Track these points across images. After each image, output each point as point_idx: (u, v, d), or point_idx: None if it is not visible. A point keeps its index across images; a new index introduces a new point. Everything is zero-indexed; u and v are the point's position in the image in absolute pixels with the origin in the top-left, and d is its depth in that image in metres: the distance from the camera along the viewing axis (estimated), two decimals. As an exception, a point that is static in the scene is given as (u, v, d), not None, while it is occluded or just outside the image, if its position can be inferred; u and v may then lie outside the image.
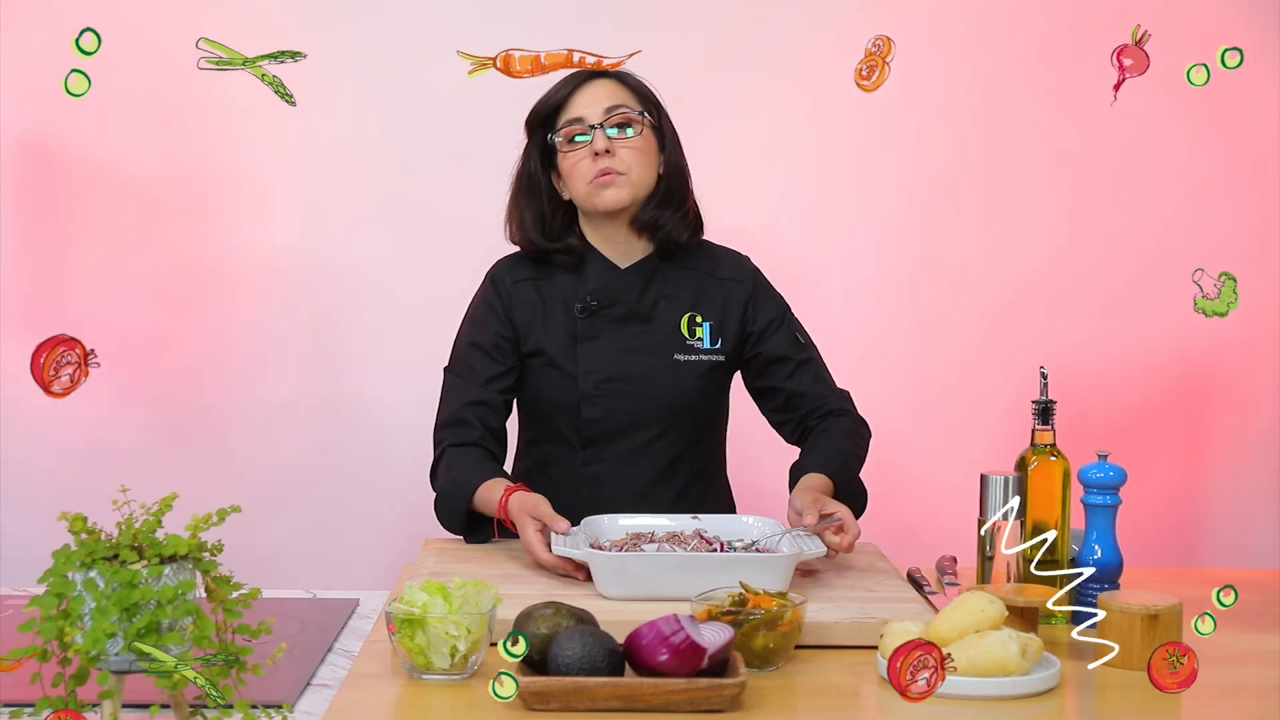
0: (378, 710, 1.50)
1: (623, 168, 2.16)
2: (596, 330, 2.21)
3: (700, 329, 2.23)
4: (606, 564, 1.82)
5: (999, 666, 1.51)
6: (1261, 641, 1.77)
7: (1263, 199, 3.01)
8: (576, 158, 2.17)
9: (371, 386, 3.04)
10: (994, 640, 1.53)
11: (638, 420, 2.20)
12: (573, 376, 2.20)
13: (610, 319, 2.22)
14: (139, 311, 3.00)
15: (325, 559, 3.01)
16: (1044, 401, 1.88)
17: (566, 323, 2.21)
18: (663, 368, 2.21)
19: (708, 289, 2.26)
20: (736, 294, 2.26)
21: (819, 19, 2.99)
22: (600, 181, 2.16)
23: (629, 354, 2.21)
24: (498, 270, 2.28)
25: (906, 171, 3.06)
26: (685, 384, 2.21)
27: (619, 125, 2.16)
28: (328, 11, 2.99)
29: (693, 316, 2.23)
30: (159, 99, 2.95)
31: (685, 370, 2.22)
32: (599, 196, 2.17)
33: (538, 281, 2.24)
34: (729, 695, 1.47)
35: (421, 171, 3.02)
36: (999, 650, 1.52)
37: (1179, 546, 3.06)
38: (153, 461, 2.97)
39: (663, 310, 2.23)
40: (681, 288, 2.25)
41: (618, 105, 2.17)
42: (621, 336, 2.21)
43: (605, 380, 2.20)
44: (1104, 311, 3.06)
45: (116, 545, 1.33)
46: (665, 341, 2.22)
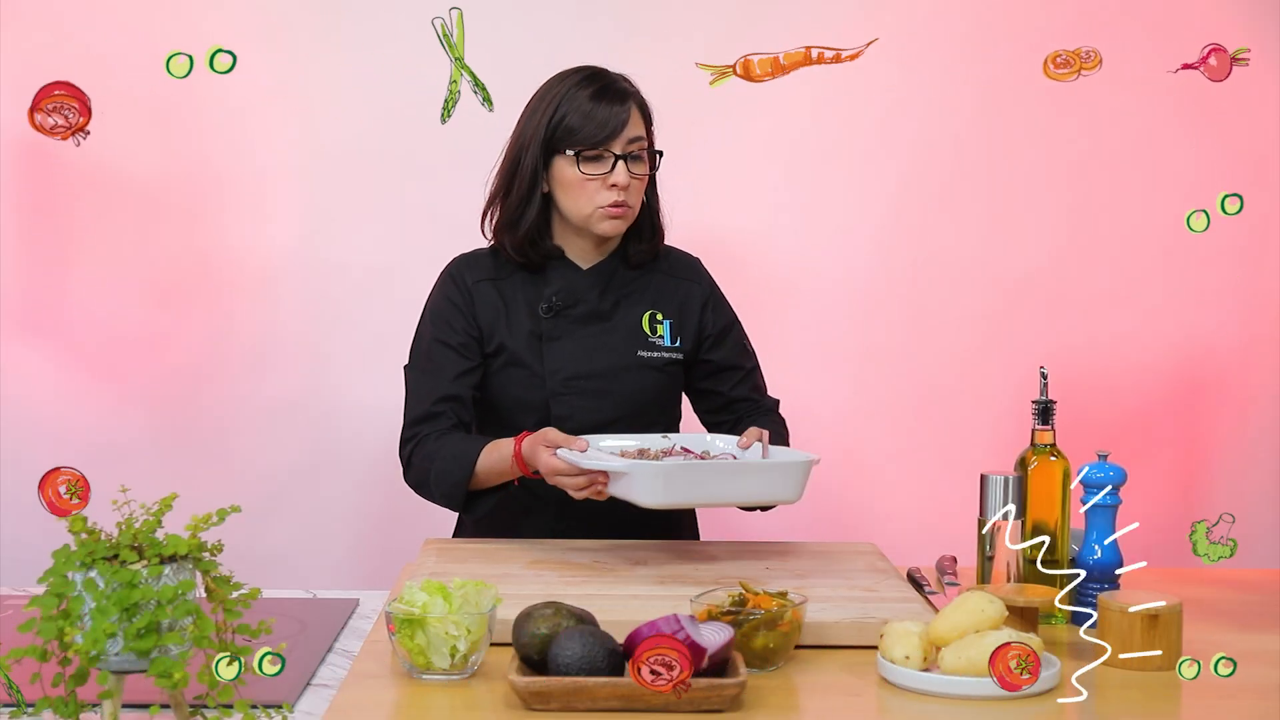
0: (378, 710, 1.50)
1: (633, 202, 2.19)
2: (560, 330, 2.23)
3: (661, 326, 2.27)
4: (649, 472, 1.88)
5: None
6: (1261, 641, 1.77)
7: (1263, 199, 3.01)
8: (590, 179, 2.16)
9: (371, 386, 3.04)
10: (994, 640, 1.53)
11: (604, 417, 2.21)
12: (539, 375, 2.21)
13: (573, 319, 2.23)
14: (139, 311, 3.00)
15: (325, 559, 3.01)
16: (1044, 401, 1.88)
17: (530, 322, 2.23)
18: (627, 365, 2.24)
19: (665, 288, 2.29)
20: (694, 295, 2.31)
21: (819, 18, 2.99)
22: (610, 213, 2.17)
23: (594, 352, 2.23)
24: (456, 269, 2.28)
25: (906, 172, 3.06)
26: (648, 380, 2.25)
27: (635, 158, 2.18)
28: (327, 11, 2.99)
29: (653, 314, 2.27)
30: (159, 99, 2.95)
31: (648, 366, 2.25)
32: (602, 225, 2.19)
33: (497, 281, 2.25)
34: (729, 695, 1.47)
35: (421, 172, 3.02)
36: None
37: (1179, 546, 3.06)
38: (153, 461, 2.97)
39: (623, 310, 2.26)
40: (640, 288, 2.28)
41: (638, 138, 2.18)
42: (585, 335, 2.23)
43: (571, 378, 2.21)
44: (1104, 311, 3.06)
45: (116, 545, 1.33)
46: (628, 339, 2.25)
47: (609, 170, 2.15)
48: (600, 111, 2.15)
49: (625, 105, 2.16)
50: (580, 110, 2.15)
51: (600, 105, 2.15)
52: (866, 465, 3.06)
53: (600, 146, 2.15)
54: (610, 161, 2.15)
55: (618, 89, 2.18)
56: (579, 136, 2.15)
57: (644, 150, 2.19)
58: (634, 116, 2.17)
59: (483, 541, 2.18)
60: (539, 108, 2.20)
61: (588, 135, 2.14)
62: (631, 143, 2.16)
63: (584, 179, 2.16)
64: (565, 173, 2.17)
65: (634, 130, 2.17)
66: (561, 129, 2.16)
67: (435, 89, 3.03)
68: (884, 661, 1.58)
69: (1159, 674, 1.62)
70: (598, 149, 2.15)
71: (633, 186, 2.17)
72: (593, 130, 2.14)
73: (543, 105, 2.19)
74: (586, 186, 2.16)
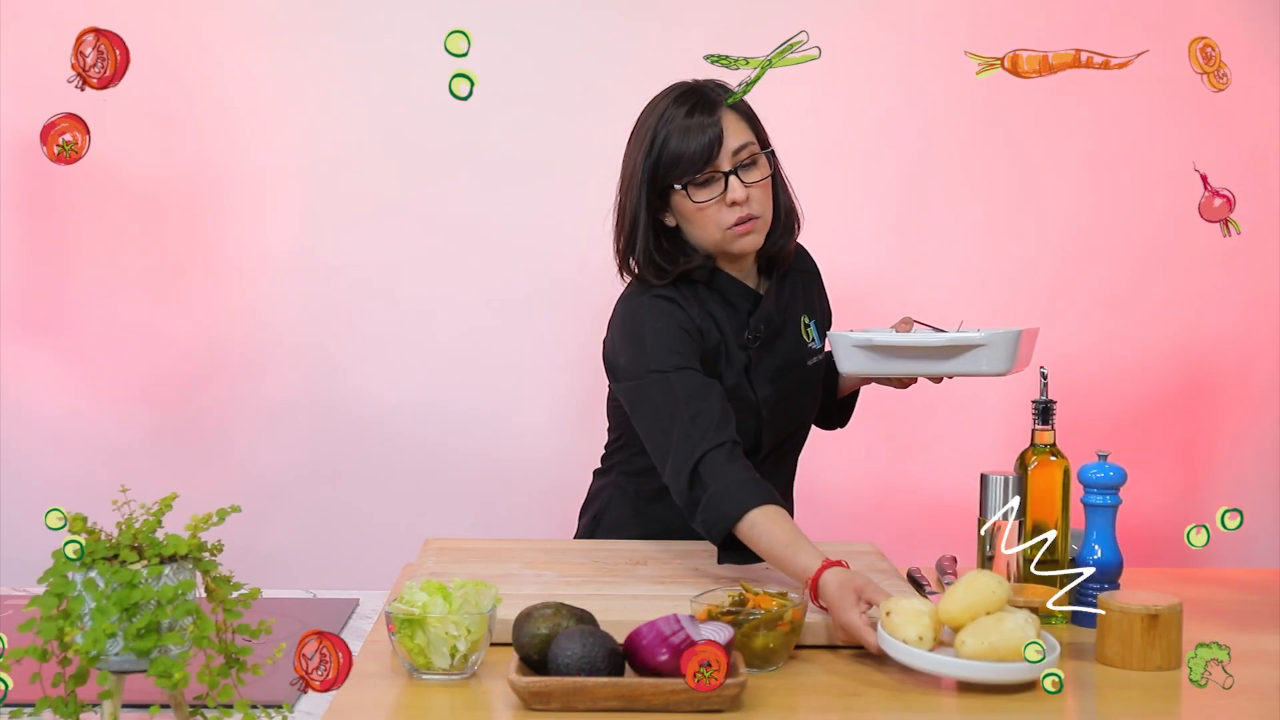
0: (378, 710, 1.50)
1: (758, 211, 2.04)
2: (758, 356, 2.13)
3: (809, 330, 2.19)
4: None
5: (1016, 652, 1.53)
6: (1261, 641, 1.77)
7: (1263, 199, 3.01)
8: (707, 206, 2.02)
9: (371, 386, 3.04)
10: (1013, 625, 1.54)
11: (786, 434, 2.18)
12: (755, 404, 2.11)
13: (764, 341, 2.14)
14: (139, 311, 3.00)
15: (325, 559, 3.01)
16: (1044, 401, 1.88)
17: (740, 354, 2.11)
18: (806, 377, 2.18)
19: (799, 286, 2.21)
20: (815, 285, 2.26)
21: (819, 18, 2.99)
22: (739, 230, 2.03)
23: (782, 372, 2.14)
24: (671, 305, 2.06)
25: (907, 171, 3.06)
26: (815, 387, 2.21)
27: (746, 166, 2.03)
28: (327, 11, 2.99)
29: (803, 319, 2.20)
30: (159, 99, 2.95)
31: (814, 373, 2.20)
32: (738, 244, 2.04)
33: (707, 305, 2.08)
34: (729, 695, 1.47)
35: (421, 172, 3.02)
36: (1019, 635, 1.54)
37: (1179, 546, 3.06)
38: (153, 461, 2.97)
39: (788, 319, 2.17)
40: (791, 292, 2.19)
41: (744, 145, 2.03)
42: (775, 356, 2.14)
43: (778, 403, 2.14)
44: (1104, 312, 3.06)
45: (116, 545, 1.33)
46: (796, 349, 2.17)
47: (723, 191, 2.02)
48: (694, 136, 2.00)
49: (715, 117, 2.02)
50: (675, 139, 2.01)
51: (692, 129, 2.01)
52: (866, 465, 3.06)
53: (706, 170, 2.01)
54: (721, 181, 2.02)
55: (707, 101, 2.03)
56: (680, 169, 2.01)
57: (755, 155, 2.04)
58: (731, 124, 2.03)
59: (483, 541, 2.18)
60: (638, 145, 2.07)
61: (687, 166, 2.01)
62: (738, 152, 2.02)
63: (703, 209, 2.02)
64: (683, 206, 2.04)
65: (736, 139, 2.02)
66: (663, 165, 2.03)
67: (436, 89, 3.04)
68: (894, 642, 1.57)
69: (1159, 674, 1.62)
70: (705, 172, 2.02)
71: (754, 195, 2.03)
72: (691, 159, 2.00)
73: (639, 141, 2.06)
74: (708, 213, 2.03)
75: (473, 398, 3.05)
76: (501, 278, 3.04)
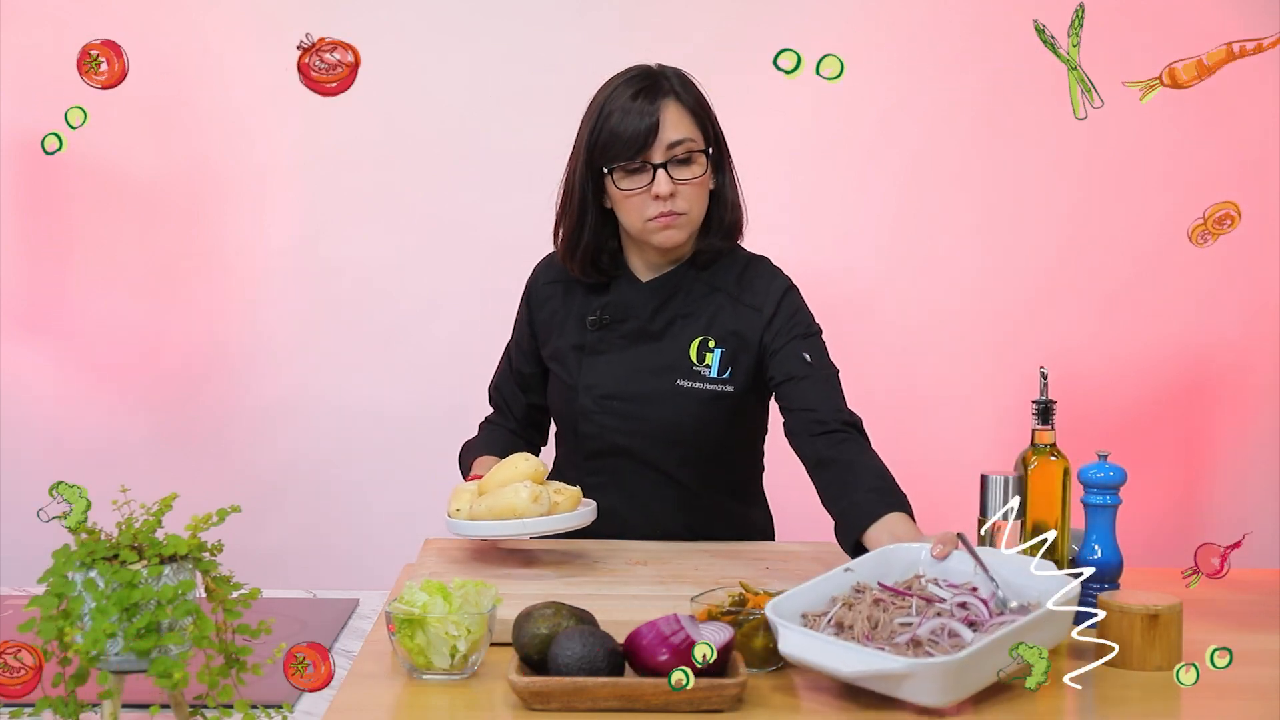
0: (378, 710, 1.50)
1: (683, 208, 2.05)
2: (604, 345, 2.15)
3: (710, 355, 2.11)
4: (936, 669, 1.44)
5: (510, 510, 1.88)
6: (1261, 641, 1.77)
7: (1263, 199, 3.01)
8: (633, 194, 2.04)
9: (371, 386, 3.04)
10: (510, 489, 1.88)
11: (632, 443, 2.14)
12: (574, 388, 2.16)
13: (620, 334, 2.15)
14: (139, 311, 3.00)
15: (325, 559, 3.02)
16: (1044, 401, 1.88)
17: (578, 334, 2.17)
18: (663, 391, 2.12)
19: (726, 314, 2.13)
20: (756, 323, 2.12)
21: (820, 18, 2.99)
22: (660, 223, 2.05)
23: (633, 373, 2.13)
24: (538, 268, 2.28)
25: (907, 171, 3.06)
26: (685, 410, 2.12)
27: (681, 162, 2.04)
28: (327, 11, 2.99)
29: (705, 341, 2.12)
30: (158, 99, 2.95)
31: (686, 397, 2.12)
32: (656, 237, 2.07)
33: (566, 284, 2.20)
34: (729, 695, 1.46)
35: (421, 172, 3.02)
36: (510, 495, 1.88)
37: (1179, 546, 3.06)
38: (152, 461, 2.98)
39: (676, 331, 2.13)
40: (700, 309, 2.13)
41: (680, 141, 2.03)
42: (628, 354, 2.14)
43: (604, 397, 2.14)
44: (1104, 311, 3.06)
45: (116, 545, 1.33)
46: (671, 364, 2.13)
47: (649, 183, 2.03)
48: (631, 120, 2.02)
49: (655, 105, 2.02)
50: (615, 119, 2.03)
51: (631, 113, 2.02)
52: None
53: (635, 159, 2.03)
54: (650, 172, 2.03)
55: (655, 88, 2.04)
56: (612, 152, 2.03)
57: (693, 152, 2.04)
58: (672, 117, 2.03)
59: (482, 541, 2.18)
60: (588, 118, 2.09)
61: (619, 151, 2.03)
62: (673, 146, 2.03)
63: (628, 196, 2.04)
64: (612, 190, 2.07)
65: (674, 133, 2.03)
66: (598, 148, 2.05)
67: (436, 89, 3.05)
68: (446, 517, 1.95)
69: (1159, 674, 1.62)
70: (634, 161, 2.03)
71: (682, 192, 2.04)
72: (624, 145, 2.02)
73: (589, 115, 2.09)
74: (632, 202, 2.04)
75: (472, 398, 3.05)
76: (501, 278, 3.04)
